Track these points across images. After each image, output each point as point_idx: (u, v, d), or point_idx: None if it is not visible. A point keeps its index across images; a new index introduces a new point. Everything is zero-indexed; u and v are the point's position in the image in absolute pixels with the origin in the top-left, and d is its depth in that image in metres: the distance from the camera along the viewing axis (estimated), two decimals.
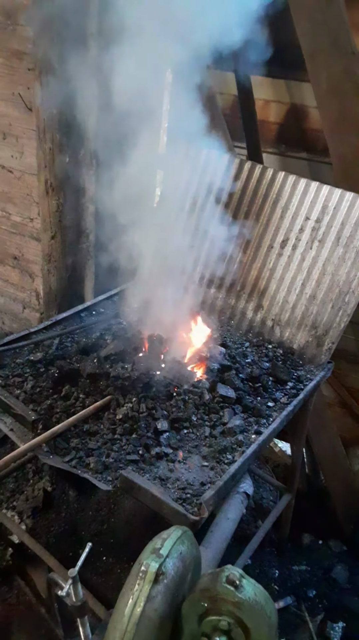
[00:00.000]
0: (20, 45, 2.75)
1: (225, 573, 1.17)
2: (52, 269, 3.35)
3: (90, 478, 1.71)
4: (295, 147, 2.89)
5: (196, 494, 1.67)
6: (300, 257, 2.49)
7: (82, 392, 2.07)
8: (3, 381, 2.13)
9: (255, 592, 1.16)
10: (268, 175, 2.58)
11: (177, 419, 1.98)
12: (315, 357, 2.42)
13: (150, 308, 2.44)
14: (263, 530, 2.56)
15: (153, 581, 1.12)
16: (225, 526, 1.93)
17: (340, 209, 2.38)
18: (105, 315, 2.64)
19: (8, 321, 3.80)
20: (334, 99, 2.40)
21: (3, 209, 3.30)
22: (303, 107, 2.78)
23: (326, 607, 2.83)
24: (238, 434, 1.95)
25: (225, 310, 2.72)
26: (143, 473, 1.75)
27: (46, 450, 1.83)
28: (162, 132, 3.07)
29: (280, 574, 2.97)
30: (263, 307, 2.60)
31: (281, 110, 2.86)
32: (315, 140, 2.78)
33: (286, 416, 2.05)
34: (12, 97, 2.89)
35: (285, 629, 2.66)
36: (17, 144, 3.02)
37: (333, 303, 2.39)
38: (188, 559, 1.22)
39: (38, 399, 2.06)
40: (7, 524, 2.35)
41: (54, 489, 3.03)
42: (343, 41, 2.30)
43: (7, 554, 2.69)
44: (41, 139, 2.92)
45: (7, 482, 3.08)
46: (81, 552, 1.33)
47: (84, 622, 1.37)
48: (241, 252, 2.67)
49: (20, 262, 3.42)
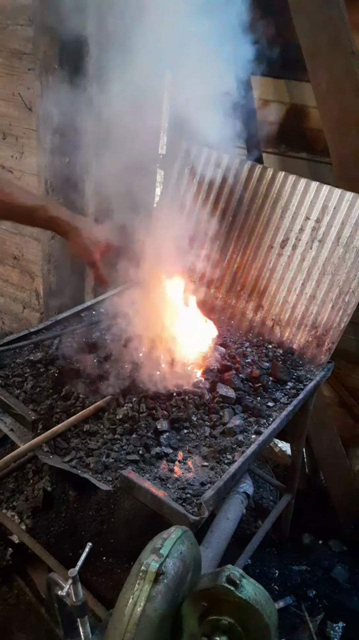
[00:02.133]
0: (20, 45, 2.75)
1: (225, 573, 1.17)
2: (52, 269, 3.35)
3: (90, 478, 1.71)
4: (295, 147, 2.89)
5: (196, 494, 1.67)
6: (300, 257, 2.49)
7: (82, 392, 2.07)
8: (3, 381, 2.13)
9: (255, 592, 1.16)
10: (268, 175, 2.58)
11: (177, 419, 1.98)
12: (315, 357, 2.42)
13: (150, 308, 2.44)
14: (263, 530, 2.56)
15: (154, 581, 1.12)
16: (225, 526, 1.93)
17: (340, 209, 2.38)
18: (106, 315, 2.64)
19: (8, 321, 3.81)
20: (334, 99, 2.40)
21: None
22: (303, 107, 2.77)
23: (326, 607, 2.83)
24: (238, 434, 1.95)
25: (225, 310, 2.73)
26: (143, 473, 1.75)
27: (46, 450, 1.83)
28: (162, 132, 3.08)
29: (280, 574, 2.97)
30: (263, 307, 2.60)
31: (281, 110, 2.86)
32: (315, 140, 2.78)
33: (286, 416, 2.05)
34: (12, 97, 2.89)
35: (285, 628, 2.66)
36: (17, 144, 3.02)
37: (333, 303, 2.39)
38: (189, 559, 1.22)
39: (38, 399, 2.06)
40: (7, 524, 2.35)
41: (54, 489, 3.03)
42: (343, 41, 2.30)
43: (7, 554, 2.69)
44: (41, 139, 2.92)
45: (7, 482, 3.08)
46: (81, 552, 1.33)
47: (84, 622, 1.37)
48: (241, 252, 2.67)
49: (20, 262, 3.42)
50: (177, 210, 2.80)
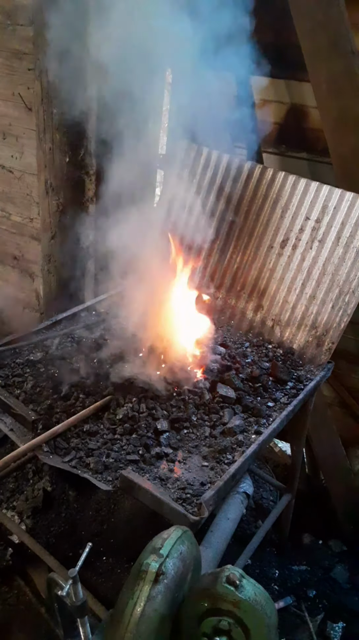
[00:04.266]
0: (20, 45, 2.75)
1: (225, 573, 1.17)
2: (52, 269, 3.35)
3: (90, 478, 1.71)
4: (295, 147, 2.89)
5: (196, 494, 1.67)
6: (300, 257, 2.49)
7: (82, 392, 2.07)
8: (3, 381, 2.14)
9: (255, 592, 1.16)
10: (268, 175, 2.59)
11: (177, 419, 1.98)
12: (315, 357, 2.42)
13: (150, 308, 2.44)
14: (263, 530, 2.56)
15: (154, 581, 1.12)
16: (225, 526, 1.94)
17: (340, 209, 2.38)
18: (105, 315, 2.64)
19: (8, 321, 3.80)
20: (334, 99, 2.40)
21: (3, 209, 3.30)
22: (303, 107, 2.77)
23: (326, 607, 2.83)
24: (238, 434, 1.96)
25: (225, 310, 2.73)
26: (144, 473, 1.75)
27: (46, 450, 1.83)
28: (162, 132, 3.08)
29: (280, 574, 2.97)
30: (263, 307, 2.60)
31: (281, 110, 2.86)
32: (315, 140, 2.78)
33: (286, 416, 2.05)
34: (12, 97, 2.89)
35: (285, 629, 2.66)
36: (17, 144, 3.02)
37: (333, 303, 2.39)
38: (188, 559, 1.22)
39: (38, 399, 2.06)
40: (7, 524, 2.35)
41: (54, 489, 3.03)
42: (343, 41, 2.30)
43: (7, 554, 2.69)
44: (41, 138, 2.93)
45: (7, 482, 3.08)
46: (81, 552, 1.33)
47: (84, 622, 1.36)
48: (241, 252, 2.67)
49: (20, 262, 3.42)
50: (176, 210, 2.80)
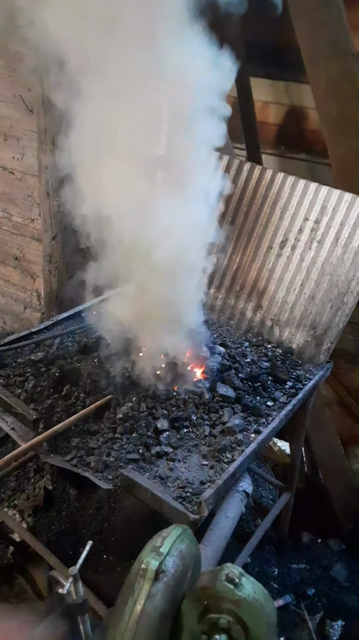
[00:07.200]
0: (21, 47, 2.76)
1: (225, 571, 1.18)
2: (53, 270, 3.36)
3: (91, 477, 1.72)
4: (294, 149, 2.90)
5: (196, 492, 1.68)
6: (299, 258, 2.50)
7: (83, 391, 2.09)
8: (4, 380, 2.15)
9: (254, 591, 1.17)
10: (267, 176, 2.59)
11: (177, 418, 1.99)
12: (314, 356, 2.43)
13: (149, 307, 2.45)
14: (263, 529, 2.57)
15: (154, 579, 1.13)
16: (224, 525, 1.94)
17: (339, 210, 2.39)
18: (106, 315, 2.65)
19: (9, 321, 3.81)
20: (333, 101, 2.41)
21: (4, 210, 3.31)
22: (302, 108, 2.78)
23: (326, 606, 2.84)
24: (238, 433, 1.97)
25: (224, 310, 2.74)
26: (144, 472, 1.76)
27: (47, 449, 1.84)
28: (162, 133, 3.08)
29: (279, 573, 2.98)
30: (263, 307, 2.61)
31: (281, 111, 2.87)
32: (314, 141, 2.80)
33: (285, 415, 2.06)
34: (14, 98, 2.90)
35: (284, 627, 2.67)
36: (18, 145, 3.03)
37: (331, 303, 2.40)
38: (188, 557, 1.23)
39: (39, 398, 2.07)
40: (9, 523, 2.36)
41: (55, 488, 3.04)
42: (342, 42, 2.31)
43: (8, 552, 2.70)
44: (42, 140, 2.93)
45: (8, 481, 3.09)
46: (82, 550, 1.34)
47: (85, 620, 1.37)
48: (240, 252, 2.68)
49: (21, 263, 3.43)
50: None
